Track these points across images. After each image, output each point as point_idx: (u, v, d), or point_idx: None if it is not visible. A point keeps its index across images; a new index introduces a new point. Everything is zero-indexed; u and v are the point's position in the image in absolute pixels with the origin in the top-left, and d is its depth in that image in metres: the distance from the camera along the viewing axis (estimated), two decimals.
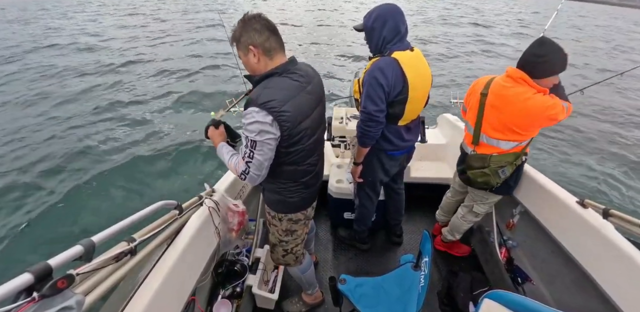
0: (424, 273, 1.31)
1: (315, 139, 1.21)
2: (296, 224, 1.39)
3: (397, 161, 1.78)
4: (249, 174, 1.10)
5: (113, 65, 9.10)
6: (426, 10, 24.84)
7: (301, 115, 1.08)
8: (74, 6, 23.13)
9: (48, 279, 0.63)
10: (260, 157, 1.06)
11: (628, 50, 13.55)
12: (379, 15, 1.43)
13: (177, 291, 1.15)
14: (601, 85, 2.86)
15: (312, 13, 21.44)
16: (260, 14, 1.08)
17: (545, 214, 1.64)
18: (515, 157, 1.53)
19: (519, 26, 18.76)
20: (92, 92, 7.12)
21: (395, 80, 1.41)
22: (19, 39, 12.67)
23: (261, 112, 0.99)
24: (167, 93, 7.02)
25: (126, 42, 12.23)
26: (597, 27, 20.70)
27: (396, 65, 1.40)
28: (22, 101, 6.58)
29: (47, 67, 8.90)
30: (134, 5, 25.59)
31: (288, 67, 1.10)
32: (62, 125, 5.53)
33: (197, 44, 11.83)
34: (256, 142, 1.03)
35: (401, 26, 1.43)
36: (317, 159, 1.29)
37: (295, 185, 1.26)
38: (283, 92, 1.04)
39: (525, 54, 1.41)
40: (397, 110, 1.51)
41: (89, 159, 4.46)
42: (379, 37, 1.45)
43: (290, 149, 1.12)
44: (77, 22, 17.23)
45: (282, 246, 1.45)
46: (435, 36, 13.93)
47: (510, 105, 1.43)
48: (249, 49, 1.07)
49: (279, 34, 1.11)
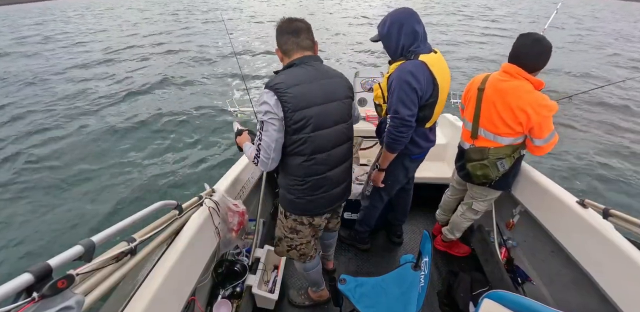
0: (424, 273, 1.31)
1: (324, 134, 1.19)
2: (302, 225, 1.39)
3: (419, 163, 1.78)
4: (260, 158, 1.17)
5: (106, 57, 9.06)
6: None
7: (305, 101, 1.12)
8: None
9: (48, 279, 0.63)
10: (267, 138, 1.13)
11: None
12: (393, 21, 1.39)
13: (177, 291, 1.15)
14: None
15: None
16: (286, 19, 1.20)
17: (545, 214, 1.64)
18: (513, 150, 1.54)
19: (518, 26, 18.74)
20: (86, 89, 7.13)
21: (427, 83, 1.39)
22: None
23: (269, 92, 1.10)
24: (166, 84, 7.02)
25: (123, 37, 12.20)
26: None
27: (425, 69, 1.37)
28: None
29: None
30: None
31: (305, 60, 1.19)
32: (62, 126, 5.53)
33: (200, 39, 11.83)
34: (263, 122, 1.12)
35: (418, 28, 1.38)
36: (326, 159, 1.23)
37: (302, 183, 1.25)
38: (292, 77, 1.13)
39: (519, 49, 1.44)
40: (427, 114, 1.50)
41: (88, 159, 4.46)
42: (397, 43, 1.41)
43: (294, 136, 1.15)
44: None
45: (287, 242, 1.46)
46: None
47: (507, 98, 1.45)
48: (277, 49, 1.24)
49: (302, 34, 1.18)
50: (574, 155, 4.56)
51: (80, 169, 4.22)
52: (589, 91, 2.71)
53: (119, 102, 6.53)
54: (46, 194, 3.76)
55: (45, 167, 4.29)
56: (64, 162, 4.39)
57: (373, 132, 1.81)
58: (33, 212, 3.48)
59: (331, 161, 1.26)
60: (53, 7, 34.20)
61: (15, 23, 20.94)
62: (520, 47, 1.44)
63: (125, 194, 3.72)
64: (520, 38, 1.45)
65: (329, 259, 1.96)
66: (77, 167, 4.27)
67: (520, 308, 1.15)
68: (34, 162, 4.40)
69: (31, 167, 4.28)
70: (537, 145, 1.48)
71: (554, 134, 1.47)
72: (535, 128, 1.43)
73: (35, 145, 4.87)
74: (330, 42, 11.82)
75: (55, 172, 4.18)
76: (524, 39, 1.43)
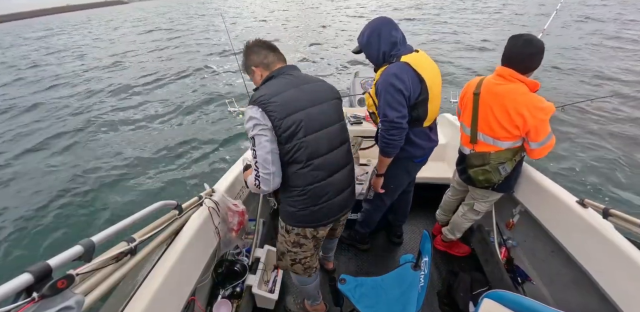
0: (423, 273, 1.31)
1: (317, 138, 1.16)
2: (305, 238, 1.33)
3: (422, 166, 1.77)
4: (260, 175, 1.11)
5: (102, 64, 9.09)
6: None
7: (291, 106, 1.09)
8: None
9: (48, 279, 0.63)
10: (261, 151, 1.09)
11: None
12: (371, 31, 1.44)
13: (177, 291, 1.14)
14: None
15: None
16: (258, 39, 1.24)
17: (545, 214, 1.64)
18: (514, 153, 1.54)
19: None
20: (91, 90, 7.13)
21: (412, 82, 1.40)
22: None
23: (253, 107, 1.08)
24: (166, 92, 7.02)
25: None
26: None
27: (409, 68, 1.39)
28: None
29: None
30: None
31: (282, 70, 1.19)
32: (61, 125, 5.53)
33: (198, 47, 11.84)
34: (254, 137, 1.09)
35: (396, 34, 1.43)
36: (323, 163, 1.19)
37: (302, 193, 1.19)
38: (272, 88, 1.12)
39: (510, 51, 1.43)
40: (420, 112, 1.50)
41: (88, 158, 4.46)
42: (378, 50, 1.45)
43: (287, 144, 1.11)
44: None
45: (290, 255, 1.39)
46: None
47: (503, 101, 1.44)
48: (253, 70, 1.23)
49: (278, 50, 1.24)
50: (574, 155, 4.55)
51: (80, 169, 4.23)
52: (585, 101, 2.75)
53: (119, 102, 6.53)
54: (46, 194, 3.76)
55: (45, 167, 4.29)
56: (63, 162, 4.39)
57: (373, 133, 1.81)
58: (33, 212, 3.48)
59: (330, 165, 1.21)
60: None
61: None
62: (511, 48, 1.43)
63: (125, 194, 3.72)
64: (511, 40, 1.43)
65: (329, 260, 1.96)
66: (77, 167, 4.27)
67: (520, 308, 1.15)
68: (32, 162, 4.40)
69: (31, 168, 4.28)
70: (533, 148, 1.48)
71: (551, 137, 1.45)
72: (531, 131, 1.42)
73: (30, 146, 4.87)
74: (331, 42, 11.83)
75: (55, 172, 4.18)
76: (514, 41, 1.42)
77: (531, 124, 1.40)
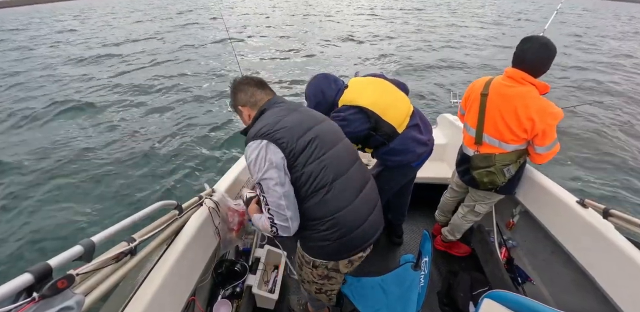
0: (423, 273, 1.31)
1: (336, 153, 1.08)
2: (335, 272, 1.19)
3: (419, 167, 1.77)
4: (277, 224, 1.00)
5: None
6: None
7: (298, 128, 1.03)
8: None
9: (48, 279, 0.63)
10: (272, 198, 0.97)
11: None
12: (315, 91, 1.56)
13: (177, 291, 1.14)
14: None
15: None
16: (244, 76, 1.19)
17: (546, 214, 1.64)
18: (519, 155, 1.53)
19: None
20: (91, 89, 7.13)
21: (358, 118, 1.48)
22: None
23: (255, 141, 0.99)
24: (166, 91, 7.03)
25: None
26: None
27: (350, 108, 1.50)
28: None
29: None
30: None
31: (272, 101, 1.15)
32: (60, 126, 5.54)
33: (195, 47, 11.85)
34: (260, 183, 0.98)
35: (334, 86, 1.56)
36: (347, 182, 1.08)
37: (331, 224, 1.04)
38: (271, 118, 1.05)
39: (525, 54, 1.40)
40: (385, 128, 1.50)
41: (88, 159, 4.46)
42: (332, 104, 1.55)
43: (310, 165, 1.00)
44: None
45: (316, 286, 1.28)
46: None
47: (513, 104, 1.43)
48: (240, 110, 1.18)
49: (266, 85, 1.20)
50: (576, 155, 4.56)
51: (80, 169, 4.22)
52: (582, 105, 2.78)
53: (118, 102, 6.53)
54: (46, 194, 3.76)
55: (44, 166, 4.29)
56: (63, 162, 4.39)
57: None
58: (33, 212, 3.48)
59: (353, 182, 1.10)
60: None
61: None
62: (526, 51, 1.39)
63: (125, 194, 3.72)
64: (526, 42, 1.40)
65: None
66: (77, 167, 4.27)
67: (520, 308, 1.15)
68: (32, 162, 4.40)
69: (30, 167, 4.28)
70: (538, 152, 1.47)
71: (556, 143, 1.45)
72: (539, 135, 1.41)
73: (30, 147, 4.87)
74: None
75: (55, 172, 4.18)
76: (530, 44, 1.39)
77: (539, 128, 1.39)
